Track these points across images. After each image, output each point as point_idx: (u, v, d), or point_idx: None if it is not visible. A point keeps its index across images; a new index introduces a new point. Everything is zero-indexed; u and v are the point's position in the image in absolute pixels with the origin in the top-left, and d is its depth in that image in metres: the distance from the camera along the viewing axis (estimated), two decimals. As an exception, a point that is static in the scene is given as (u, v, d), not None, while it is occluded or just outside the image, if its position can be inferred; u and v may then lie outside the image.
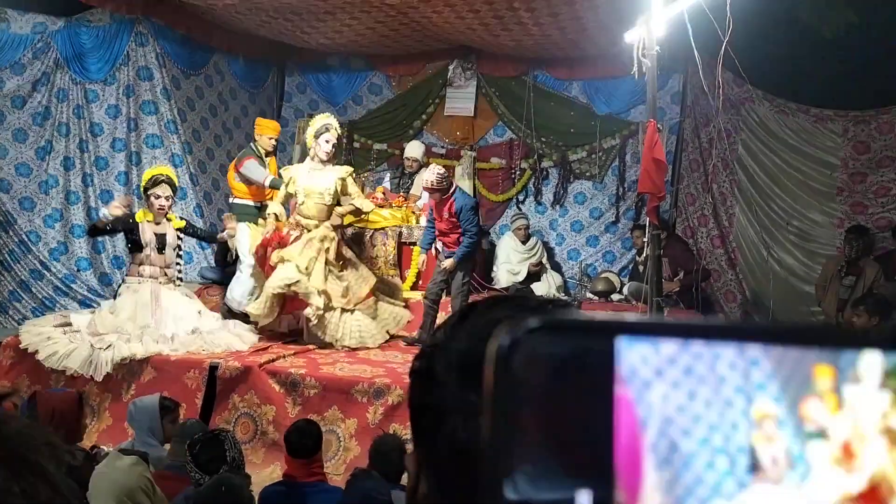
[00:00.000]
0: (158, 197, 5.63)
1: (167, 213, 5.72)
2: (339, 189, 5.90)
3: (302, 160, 9.35)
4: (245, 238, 6.17)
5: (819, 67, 6.97)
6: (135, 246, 5.67)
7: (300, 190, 5.87)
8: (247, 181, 6.57)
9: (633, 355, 0.34)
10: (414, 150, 8.01)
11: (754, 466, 0.34)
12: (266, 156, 6.67)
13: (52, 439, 0.67)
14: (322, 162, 5.90)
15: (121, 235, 6.04)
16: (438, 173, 5.84)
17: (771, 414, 0.34)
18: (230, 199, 6.86)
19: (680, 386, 0.34)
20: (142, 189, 5.84)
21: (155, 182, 5.65)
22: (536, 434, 0.34)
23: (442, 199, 5.87)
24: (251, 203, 6.65)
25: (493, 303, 0.67)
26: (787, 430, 0.34)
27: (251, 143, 6.75)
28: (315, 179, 5.87)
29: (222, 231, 6.17)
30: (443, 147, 9.07)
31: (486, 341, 0.62)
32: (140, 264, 5.69)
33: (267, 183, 6.48)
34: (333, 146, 5.88)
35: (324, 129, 5.86)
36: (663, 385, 0.34)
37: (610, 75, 8.17)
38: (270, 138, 6.72)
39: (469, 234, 5.85)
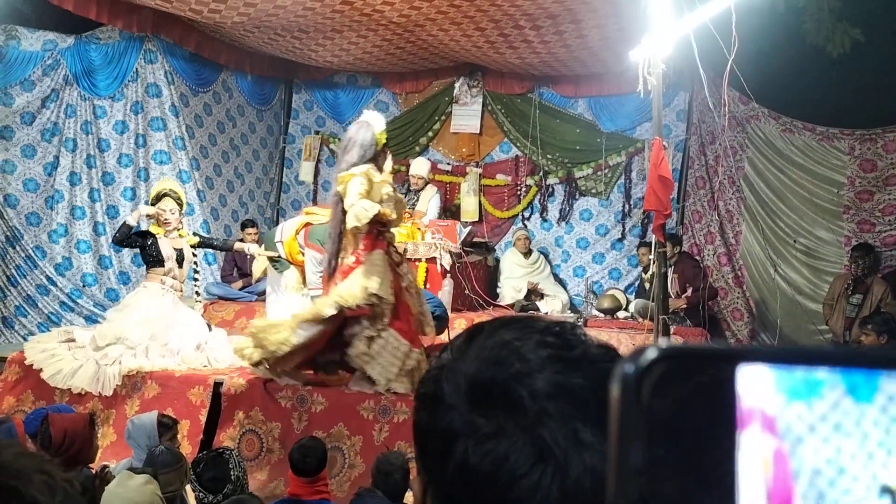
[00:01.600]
0: (164, 211, 5.67)
1: (174, 227, 5.74)
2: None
3: (312, 175, 9.43)
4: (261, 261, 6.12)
5: (825, 85, 6.98)
6: (155, 261, 5.67)
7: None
8: None
9: (769, 395, 0.34)
10: (419, 167, 8.04)
11: None
12: None
13: (47, 467, 0.66)
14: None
15: (126, 252, 6.07)
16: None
17: None
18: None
19: (827, 439, 0.34)
20: (150, 204, 5.88)
21: (160, 196, 5.71)
22: (663, 466, 0.34)
23: None
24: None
25: (500, 324, 0.66)
26: None
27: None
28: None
29: (239, 240, 6.14)
30: (448, 164, 9.10)
31: (494, 364, 0.61)
32: (162, 275, 5.69)
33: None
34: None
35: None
36: (811, 437, 0.34)
37: (615, 93, 8.20)
38: None
39: None
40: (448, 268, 6.73)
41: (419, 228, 7.35)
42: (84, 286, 7.32)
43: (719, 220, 7.90)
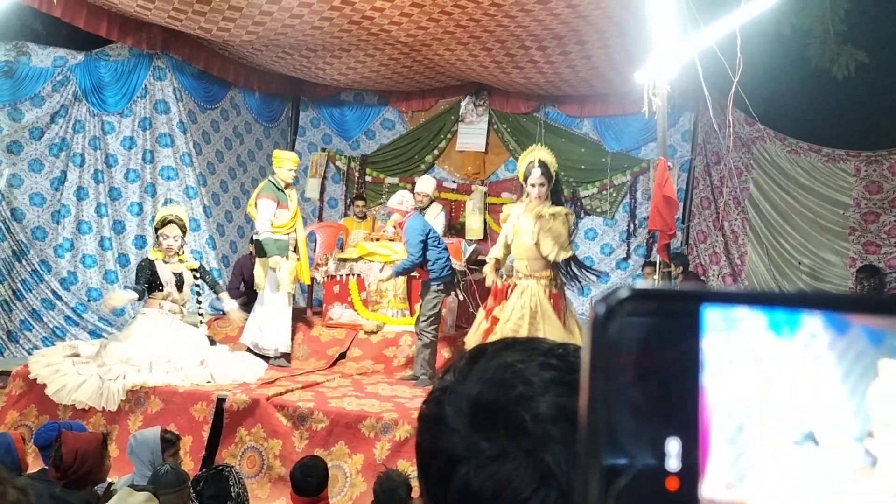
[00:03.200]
0: (167, 237, 5.72)
1: (176, 252, 5.79)
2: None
3: (318, 192, 9.49)
4: (285, 273, 6.25)
5: (831, 107, 7.00)
6: (154, 287, 5.72)
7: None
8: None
9: (716, 330, 0.37)
10: (425, 185, 8.04)
11: (814, 449, 0.37)
12: (286, 188, 6.43)
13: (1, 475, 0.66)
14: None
15: (131, 267, 6.11)
16: (400, 197, 6.08)
17: (828, 403, 0.37)
18: (258, 236, 6.35)
19: (755, 372, 0.37)
20: (154, 228, 5.94)
21: (164, 222, 5.75)
22: (630, 393, 0.37)
23: (399, 222, 6.09)
24: (283, 237, 6.38)
25: (502, 346, 0.66)
26: (850, 420, 0.37)
27: (270, 177, 6.46)
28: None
29: (225, 291, 6.27)
30: (454, 182, 9.13)
31: (497, 386, 0.61)
32: (161, 300, 5.74)
33: (262, 237, 6.26)
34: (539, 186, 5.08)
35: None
36: (740, 368, 0.37)
37: (621, 113, 8.23)
38: (290, 170, 6.43)
39: (410, 255, 5.85)
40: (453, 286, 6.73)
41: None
42: (89, 301, 7.34)
43: (724, 240, 7.89)
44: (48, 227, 7.24)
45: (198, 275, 5.95)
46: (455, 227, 8.75)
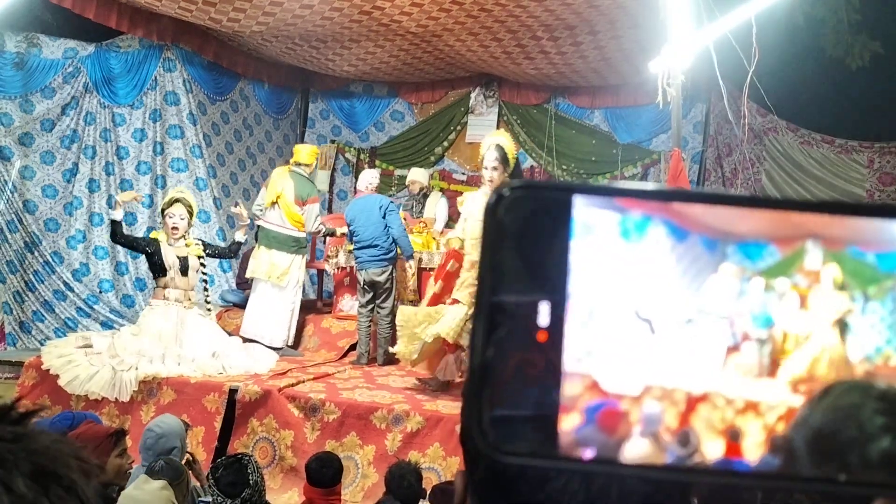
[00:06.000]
0: (172, 216, 5.71)
1: (181, 234, 5.77)
2: None
3: (328, 184, 9.50)
4: (297, 270, 6.39)
5: (844, 98, 6.94)
6: (158, 269, 5.72)
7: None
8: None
9: (581, 234, 0.46)
10: (416, 174, 8.05)
11: (649, 332, 0.46)
12: None
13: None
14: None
15: (142, 259, 6.12)
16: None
17: (661, 295, 0.47)
18: (287, 230, 6.50)
19: (608, 268, 0.46)
20: (160, 211, 5.94)
21: (171, 202, 5.75)
22: (513, 263, 0.46)
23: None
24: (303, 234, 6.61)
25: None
26: (680, 308, 0.47)
27: (306, 173, 6.63)
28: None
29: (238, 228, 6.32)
30: (464, 174, 9.10)
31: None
32: (165, 287, 5.74)
33: (323, 231, 6.60)
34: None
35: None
36: (597, 265, 0.46)
37: (632, 104, 8.18)
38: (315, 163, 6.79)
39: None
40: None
41: (434, 238, 7.35)
42: (101, 292, 7.36)
43: (736, 232, 7.85)
44: (60, 219, 7.26)
45: (204, 263, 5.93)
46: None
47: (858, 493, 0.49)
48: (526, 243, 0.46)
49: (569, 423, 0.45)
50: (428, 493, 3.39)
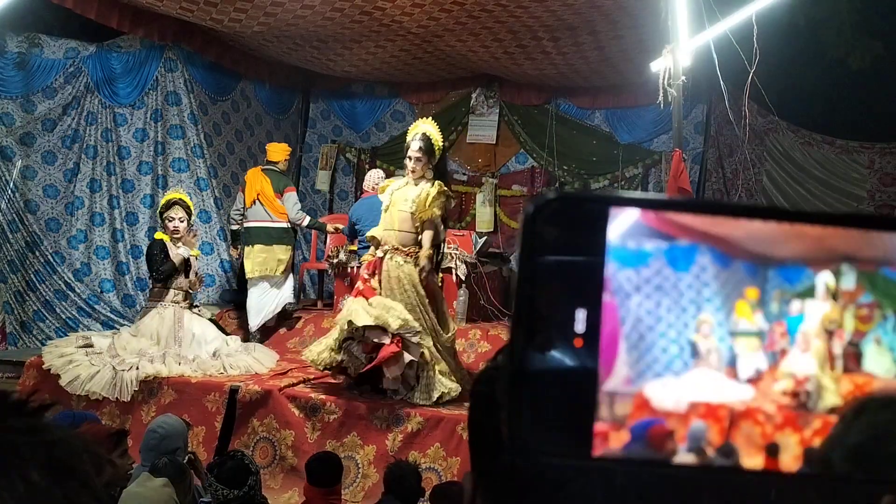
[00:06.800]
0: (172, 219, 5.76)
1: (181, 235, 5.81)
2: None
3: (329, 184, 9.50)
4: (289, 260, 6.70)
5: (845, 99, 6.95)
6: (170, 271, 5.77)
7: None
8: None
9: (626, 265, 0.48)
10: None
11: (695, 354, 0.50)
12: None
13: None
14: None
15: (142, 259, 6.15)
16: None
17: (709, 320, 0.50)
18: (276, 224, 6.64)
19: (651, 294, 0.49)
20: (158, 213, 5.98)
21: (168, 205, 5.79)
22: (552, 269, 0.47)
23: None
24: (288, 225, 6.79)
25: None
26: (719, 331, 0.50)
27: (280, 168, 6.90)
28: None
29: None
30: (465, 174, 9.10)
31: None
32: (168, 288, 5.76)
33: (306, 223, 6.80)
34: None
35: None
36: (636, 294, 0.49)
37: (633, 104, 8.18)
38: (286, 161, 6.98)
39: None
40: (463, 278, 6.73)
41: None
42: (102, 292, 7.37)
43: (737, 233, 7.84)
44: (62, 219, 7.27)
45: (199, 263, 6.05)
46: (465, 220, 8.73)
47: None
48: (563, 252, 0.47)
49: (617, 441, 0.47)
50: (428, 493, 3.40)
